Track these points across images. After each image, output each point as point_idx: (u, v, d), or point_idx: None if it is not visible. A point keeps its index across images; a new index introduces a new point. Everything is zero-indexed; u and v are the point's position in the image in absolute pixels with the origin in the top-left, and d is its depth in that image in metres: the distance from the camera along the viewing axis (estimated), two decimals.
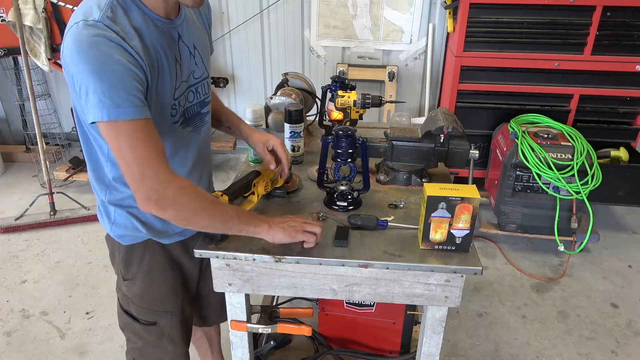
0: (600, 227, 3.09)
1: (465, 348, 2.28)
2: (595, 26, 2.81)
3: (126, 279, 1.37)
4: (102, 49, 0.97)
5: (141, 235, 1.30)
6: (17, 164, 4.00)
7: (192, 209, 1.10)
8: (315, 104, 1.99)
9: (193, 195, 1.10)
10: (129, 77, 1.00)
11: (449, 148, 1.50)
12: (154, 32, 1.09)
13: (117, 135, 1.02)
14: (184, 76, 1.19)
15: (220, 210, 1.15)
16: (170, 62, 1.13)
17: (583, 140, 2.65)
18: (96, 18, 0.99)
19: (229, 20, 3.59)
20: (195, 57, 1.23)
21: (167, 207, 1.07)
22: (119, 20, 1.02)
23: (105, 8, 1.01)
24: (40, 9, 2.97)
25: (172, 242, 1.36)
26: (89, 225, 3.18)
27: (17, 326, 2.38)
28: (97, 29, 0.98)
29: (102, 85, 0.97)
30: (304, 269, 1.24)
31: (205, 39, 1.30)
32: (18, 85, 3.77)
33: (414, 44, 3.51)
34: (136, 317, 1.40)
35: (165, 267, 1.37)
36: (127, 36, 1.01)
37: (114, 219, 1.28)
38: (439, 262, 1.19)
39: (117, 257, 1.36)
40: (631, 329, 2.40)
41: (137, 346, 1.45)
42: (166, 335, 1.42)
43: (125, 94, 0.99)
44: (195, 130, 1.29)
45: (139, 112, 1.01)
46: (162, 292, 1.38)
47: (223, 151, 4.02)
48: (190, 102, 1.24)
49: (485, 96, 3.08)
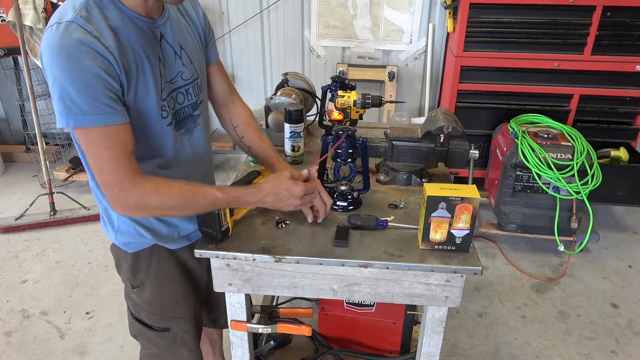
0: (600, 227, 3.09)
1: (465, 348, 2.28)
2: (595, 26, 2.80)
3: (135, 287, 1.36)
4: (72, 53, 0.97)
5: (146, 242, 1.29)
6: (17, 164, 4.00)
7: (163, 209, 1.14)
8: (315, 104, 1.99)
9: (161, 197, 1.10)
10: (98, 83, 0.99)
11: (449, 148, 1.50)
12: (133, 31, 1.08)
13: (84, 141, 1.04)
14: (169, 76, 1.18)
15: (198, 202, 1.13)
16: (152, 62, 1.11)
17: (583, 140, 2.65)
18: (69, 19, 0.99)
19: (229, 20, 3.59)
20: (182, 58, 1.21)
21: (134, 211, 1.13)
22: (93, 20, 1.01)
23: (80, 8, 1.01)
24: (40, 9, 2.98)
25: (179, 246, 1.35)
26: (89, 225, 3.18)
27: (17, 326, 2.38)
28: (69, 30, 0.98)
29: (70, 91, 0.98)
30: (304, 269, 1.24)
31: (195, 41, 1.27)
32: (18, 85, 3.77)
33: (414, 44, 3.51)
34: (148, 324, 1.39)
35: (174, 272, 1.37)
36: (101, 35, 1.01)
37: (118, 227, 1.27)
38: (439, 262, 1.19)
39: (124, 266, 1.35)
40: (631, 329, 2.40)
41: (152, 352, 1.45)
42: (179, 340, 1.42)
43: (93, 101, 0.99)
44: (187, 133, 1.27)
45: (105, 118, 1.01)
46: (172, 297, 1.38)
47: (223, 151, 4.02)
48: (181, 104, 1.23)
49: (485, 96, 3.07)
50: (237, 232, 1.28)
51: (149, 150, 1.18)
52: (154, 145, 1.19)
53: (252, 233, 1.29)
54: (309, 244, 1.25)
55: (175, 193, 1.11)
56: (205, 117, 1.34)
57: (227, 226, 1.24)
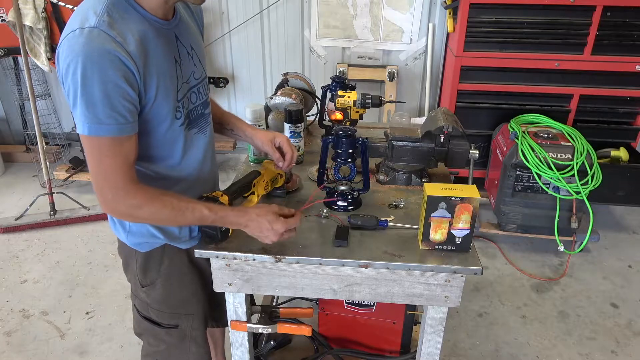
0: (600, 227, 3.09)
1: (465, 348, 2.28)
2: (595, 26, 2.80)
3: (144, 285, 1.36)
4: (96, 61, 0.96)
5: (159, 241, 1.30)
6: (17, 164, 4.00)
7: (151, 221, 1.21)
8: (315, 104, 1.99)
9: (151, 210, 1.11)
10: (117, 93, 0.99)
11: (449, 148, 1.50)
12: (153, 34, 1.08)
13: (89, 146, 1.04)
14: (185, 77, 1.19)
15: (186, 218, 1.15)
16: (170, 64, 1.12)
17: (583, 140, 2.65)
18: (92, 24, 0.98)
19: (229, 20, 3.59)
20: (193, 58, 1.22)
21: (123, 217, 1.18)
22: (115, 25, 1.00)
23: (102, 12, 1.00)
24: (40, 9, 2.97)
25: (190, 246, 1.35)
26: (89, 225, 3.18)
27: (17, 326, 2.38)
28: (92, 36, 0.97)
29: (88, 100, 0.98)
30: (304, 269, 1.24)
31: (200, 40, 1.30)
32: (18, 85, 3.76)
33: (414, 44, 3.51)
34: (157, 321, 1.40)
35: (185, 270, 1.38)
36: (124, 41, 1.00)
37: (129, 228, 1.28)
38: (439, 262, 1.19)
39: (134, 265, 1.35)
40: (631, 329, 2.40)
41: (159, 349, 1.45)
42: (188, 336, 1.43)
43: (110, 111, 1.00)
44: (200, 132, 1.28)
45: (119, 129, 1.02)
46: (183, 295, 1.39)
47: (223, 151, 4.02)
48: (194, 104, 1.24)
49: (485, 96, 3.07)
50: (237, 232, 1.28)
51: (159, 151, 1.19)
52: (165, 147, 1.19)
53: None
54: (309, 244, 1.25)
55: (164, 207, 1.12)
56: (211, 116, 1.36)
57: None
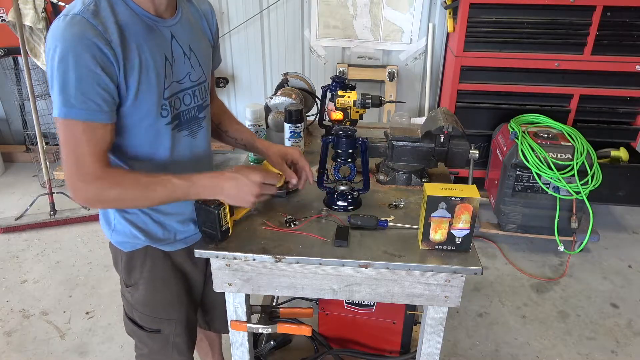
0: (600, 227, 3.08)
1: (465, 348, 2.28)
2: (595, 26, 2.80)
3: (128, 285, 1.36)
4: (72, 45, 0.99)
5: (140, 242, 1.30)
6: (17, 164, 4.00)
7: (121, 201, 1.15)
8: (315, 104, 1.99)
9: (120, 189, 1.10)
10: (92, 79, 1.01)
11: (449, 148, 1.50)
12: (140, 28, 1.09)
13: (63, 131, 1.05)
14: (176, 77, 1.18)
15: (157, 192, 1.13)
16: (157, 60, 1.12)
17: (583, 140, 2.65)
18: (76, 12, 1.01)
19: (229, 20, 3.59)
20: (191, 59, 1.21)
21: (94, 204, 1.14)
22: (100, 14, 1.03)
23: (89, 2, 1.03)
24: (40, 9, 2.98)
25: (175, 249, 1.35)
26: (89, 225, 3.18)
27: (17, 326, 2.38)
28: (73, 22, 1.00)
29: (62, 82, 1.00)
30: (304, 269, 1.24)
31: (205, 44, 1.29)
32: (18, 85, 3.76)
33: (414, 44, 3.51)
34: (140, 324, 1.39)
35: (168, 274, 1.36)
36: (106, 30, 1.02)
37: (114, 226, 1.28)
38: (439, 262, 1.19)
39: (120, 264, 1.35)
40: (631, 329, 2.40)
41: (143, 352, 1.45)
42: (171, 343, 1.42)
43: (82, 96, 1.01)
44: (190, 135, 1.27)
45: (90, 115, 1.03)
46: (165, 299, 1.38)
47: (223, 151, 4.02)
48: (187, 105, 1.23)
49: (485, 96, 3.07)
50: (237, 232, 1.28)
51: (144, 149, 1.18)
52: (150, 144, 1.19)
53: (252, 233, 1.29)
54: (309, 244, 1.25)
55: (132, 184, 1.11)
56: (208, 121, 1.35)
57: (227, 226, 1.24)
